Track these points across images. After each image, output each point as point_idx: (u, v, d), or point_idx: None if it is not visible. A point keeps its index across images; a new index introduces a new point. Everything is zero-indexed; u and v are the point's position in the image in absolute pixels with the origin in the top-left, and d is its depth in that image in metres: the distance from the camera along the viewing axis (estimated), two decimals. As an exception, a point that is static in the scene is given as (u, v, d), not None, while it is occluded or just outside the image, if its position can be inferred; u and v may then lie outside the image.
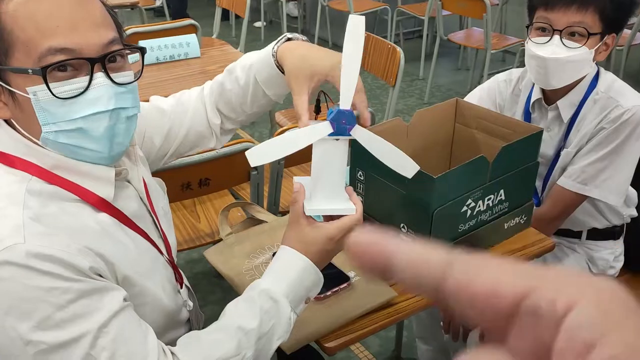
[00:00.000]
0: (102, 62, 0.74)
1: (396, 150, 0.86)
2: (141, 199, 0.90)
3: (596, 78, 1.38)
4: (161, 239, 0.94)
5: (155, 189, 0.98)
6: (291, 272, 0.84)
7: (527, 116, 1.46)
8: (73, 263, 0.70)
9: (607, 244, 1.52)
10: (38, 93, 0.72)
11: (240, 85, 1.01)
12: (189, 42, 2.46)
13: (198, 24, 2.73)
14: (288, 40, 0.96)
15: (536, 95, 1.43)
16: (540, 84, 1.40)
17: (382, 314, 1.04)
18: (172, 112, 1.05)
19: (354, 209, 0.85)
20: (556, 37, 1.30)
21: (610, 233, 1.52)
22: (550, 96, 1.43)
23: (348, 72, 0.78)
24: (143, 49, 0.82)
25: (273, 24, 5.78)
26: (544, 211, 1.42)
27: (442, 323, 1.46)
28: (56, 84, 0.72)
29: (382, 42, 2.32)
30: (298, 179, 0.88)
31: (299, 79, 0.88)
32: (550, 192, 1.44)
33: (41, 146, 0.77)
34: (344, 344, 0.99)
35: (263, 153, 0.79)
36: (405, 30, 5.01)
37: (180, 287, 0.98)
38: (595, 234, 1.51)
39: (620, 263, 1.55)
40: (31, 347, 0.68)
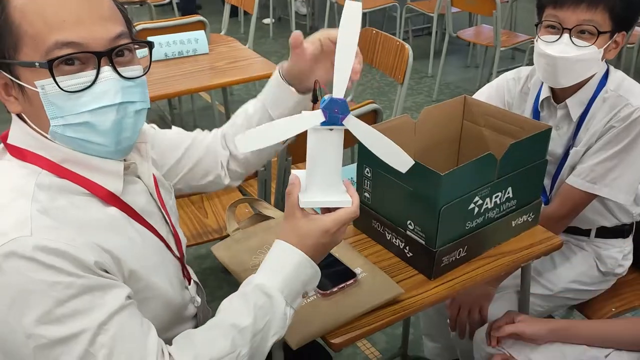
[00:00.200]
0: (109, 56, 0.75)
1: (390, 143, 0.85)
2: (151, 195, 0.90)
3: (606, 76, 1.38)
4: (171, 235, 0.94)
5: (165, 188, 0.98)
6: (286, 266, 0.82)
7: (536, 114, 1.46)
8: (79, 257, 0.70)
9: (616, 243, 1.51)
10: (46, 87, 0.73)
11: (248, 114, 1.05)
12: (198, 39, 2.47)
13: (207, 21, 2.73)
14: None
15: (545, 93, 1.43)
16: (548, 83, 1.39)
17: (389, 311, 1.04)
18: (190, 138, 1.09)
19: (350, 201, 0.83)
20: (565, 36, 1.29)
21: (619, 231, 1.51)
22: (559, 94, 1.42)
23: (342, 60, 0.76)
24: (151, 43, 0.82)
25: (282, 21, 5.78)
26: (553, 210, 1.42)
27: (449, 320, 1.46)
28: (63, 78, 0.73)
29: (391, 39, 2.31)
30: (295, 172, 0.87)
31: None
32: (559, 191, 1.43)
33: (51, 140, 0.78)
34: (350, 340, 0.99)
35: (253, 139, 0.78)
36: (414, 27, 5.00)
37: (188, 284, 0.98)
38: (604, 232, 1.51)
39: (629, 262, 1.54)
40: (32, 341, 0.68)
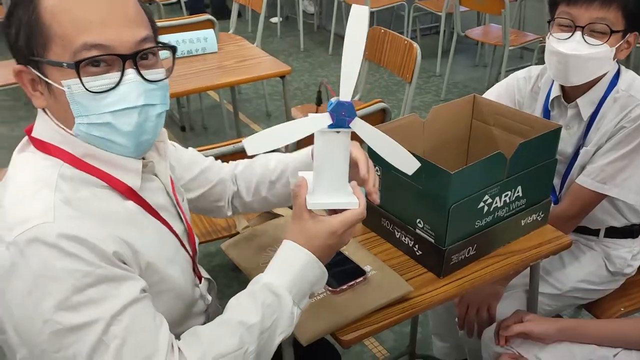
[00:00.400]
0: (134, 59, 0.77)
1: (397, 145, 0.86)
2: (167, 193, 0.92)
3: (617, 76, 1.37)
4: (185, 232, 0.96)
5: (179, 189, 1.01)
6: (294, 266, 0.84)
7: (546, 113, 1.45)
8: (99, 247, 0.72)
9: (625, 243, 1.51)
10: (72, 86, 0.75)
11: (268, 168, 1.08)
12: (207, 37, 2.48)
13: (215, 19, 2.74)
14: None
15: (555, 92, 1.43)
16: (559, 81, 1.39)
17: (398, 308, 1.05)
18: (207, 161, 1.12)
19: (357, 203, 0.84)
20: (578, 34, 1.29)
21: (628, 232, 1.50)
22: (569, 94, 1.42)
23: (349, 63, 0.77)
24: (174, 48, 0.84)
25: (289, 20, 5.78)
26: (562, 209, 1.41)
27: (457, 319, 1.46)
28: (89, 79, 0.75)
29: (399, 38, 2.31)
30: (302, 173, 0.88)
31: None
32: (568, 191, 1.43)
33: (73, 135, 0.80)
34: (360, 337, 1.00)
35: (260, 142, 0.79)
36: (422, 26, 4.99)
37: (199, 282, 0.99)
38: (613, 232, 1.50)
39: (638, 262, 1.53)
40: (48, 326, 0.70)
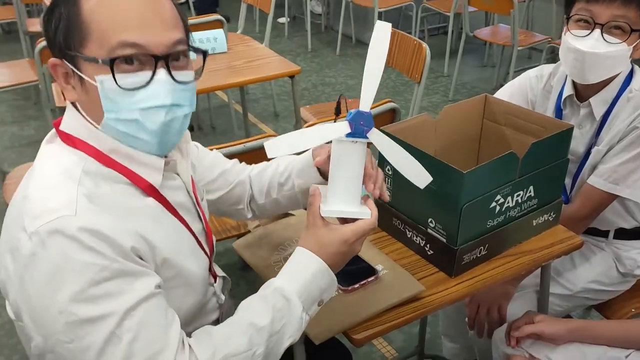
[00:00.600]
0: (166, 60, 0.79)
1: (411, 158, 0.89)
2: (188, 193, 0.94)
3: (630, 76, 1.37)
4: (204, 232, 0.97)
5: (199, 189, 1.02)
6: (305, 273, 0.86)
7: (559, 112, 1.45)
8: (117, 241, 0.74)
9: (636, 244, 1.50)
10: (105, 82, 0.77)
11: (278, 171, 1.11)
12: (217, 37, 2.48)
13: (225, 19, 2.75)
14: None
15: (568, 91, 1.42)
16: (575, 78, 1.38)
17: (410, 308, 1.05)
18: (229, 163, 1.14)
19: (369, 213, 0.87)
20: (597, 31, 1.27)
21: (638, 233, 1.49)
22: (582, 93, 1.41)
23: (370, 76, 0.82)
24: (205, 52, 0.86)
25: (297, 20, 5.79)
26: (574, 210, 1.41)
27: (467, 319, 1.45)
28: (122, 76, 0.77)
29: (408, 38, 2.31)
30: (315, 186, 0.91)
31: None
32: (580, 191, 1.42)
33: (101, 130, 0.82)
34: (372, 336, 1.00)
35: (281, 145, 0.83)
36: (430, 26, 4.98)
37: (214, 281, 1.00)
38: (623, 234, 1.49)
39: (648, 263, 1.53)
40: (63, 317, 0.71)
